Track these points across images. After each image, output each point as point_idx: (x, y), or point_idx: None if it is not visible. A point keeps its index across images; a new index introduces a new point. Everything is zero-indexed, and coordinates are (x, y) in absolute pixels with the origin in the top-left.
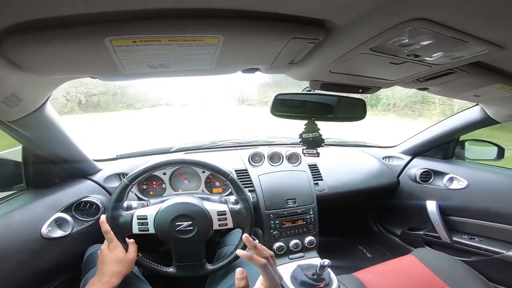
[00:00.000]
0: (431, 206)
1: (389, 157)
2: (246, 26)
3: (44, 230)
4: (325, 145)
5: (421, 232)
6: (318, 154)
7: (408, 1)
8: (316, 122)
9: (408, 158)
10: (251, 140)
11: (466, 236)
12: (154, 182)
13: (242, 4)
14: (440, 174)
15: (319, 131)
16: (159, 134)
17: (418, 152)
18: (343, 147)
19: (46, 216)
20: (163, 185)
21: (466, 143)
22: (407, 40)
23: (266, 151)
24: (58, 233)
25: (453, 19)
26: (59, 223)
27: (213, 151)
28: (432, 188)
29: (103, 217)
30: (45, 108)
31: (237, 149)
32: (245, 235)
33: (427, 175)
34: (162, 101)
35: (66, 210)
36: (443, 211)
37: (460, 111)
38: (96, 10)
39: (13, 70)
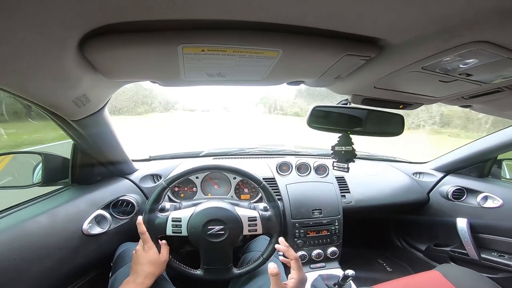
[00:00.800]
0: (462, 223)
1: (420, 173)
2: (305, 42)
3: (85, 226)
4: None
5: (448, 248)
6: (348, 169)
7: (474, 24)
8: (351, 135)
9: (440, 175)
10: (279, 149)
11: (495, 253)
12: (186, 185)
13: (304, 21)
14: (473, 192)
15: (353, 145)
16: (181, 138)
17: (451, 169)
18: (372, 161)
19: (88, 213)
20: (194, 188)
21: (504, 162)
22: (462, 60)
23: (294, 161)
24: (97, 230)
25: None
26: (98, 220)
27: (241, 158)
28: (464, 206)
29: (140, 218)
30: (104, 110)
31: (264, 158)
32: (280, 239)
33: (459, 193)
34: (181, 105)
35: (105, 207)
36: (474, 229)
37: (500, 129)
38: (172, 17)
39: (89, 72)
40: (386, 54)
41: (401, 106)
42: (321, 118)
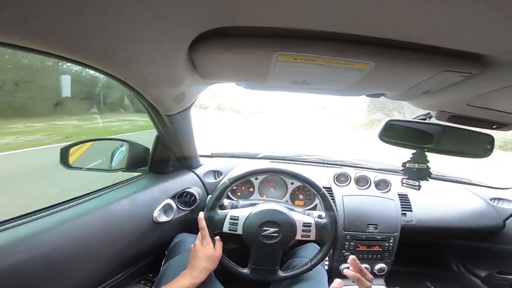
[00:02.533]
0: None
1: (499, 199)
2: (399, 56)
3: (155, 213)
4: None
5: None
6: (419, 187)
7: None
8: (428, 153)
9: None
10: (337, 159)
11: None
12: (244, 185)
13: (399, 35)
14: None
15: (428, 163)
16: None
17: None
18: (443, 182)
19: (159, 201)
20: (251, 188)
21: None
22: None
23: (352, 173)
24: (163, 218)
25: None
26: (165, 208)
27: (298, 164)
28: None
29: (201, 214)
30: (191, 107)
31: (321, 166)
32: (352, 257)
33: None
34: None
35: (173, 197)
36: None
37: None
38: (270, 24)
39: (191, 72)
40: (490, 71)
41: (494, 126)
42: (395, 132)
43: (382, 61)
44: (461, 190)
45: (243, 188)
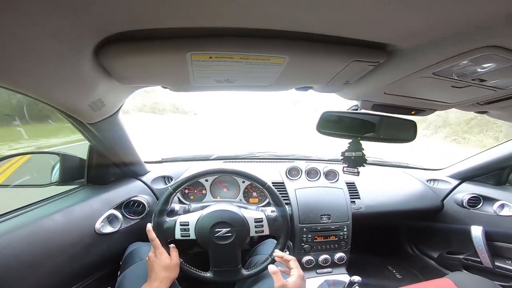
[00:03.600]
0: (477, 231)
1: (434, 180)
2: (311, 48)
3: (97, 225)
4: (366, 164)
5: (461, 256)
6: (358, 173)
7: (484, 29)
8: (362, 141)
9: (455, 182)
10: (288, 154)
11: (510, 262)
12: (196, 188)
13: (310, 28)
14: (490, 200)
15: (363, 150)
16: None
17: (467, 176)
18: (385, 167)
19: (101, 212)
20: (203, 191)
21: None
22: (474, 65)
23: (303, 166)
24: (108, 229)
25: None
26: (110, 219)
27: (250, 162)
28: (479, 213)
29: (149, 226)
30: (118, 114)
31: (274, 162)
32: (276, 254)
33: (475, 200)
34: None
35: (118, 207)
36: (489, 237)
37: None
38: (181, 25)
39: (104, 77)
40: (396, 60)
41: (413, 112)
42: (331, 123)
43: (296, 55)
44: (401, 174)
45: (195, 191)
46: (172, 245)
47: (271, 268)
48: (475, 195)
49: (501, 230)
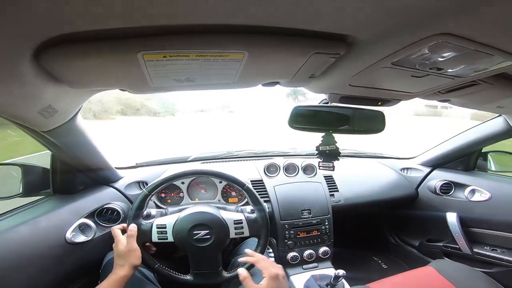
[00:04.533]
0: (452, 218)
1: (407, 168)
2: (270, 42)
3: (68, 235)
4: (341, 157)
5: (440, 244)
6: (333, 168)
7: (436, 17)
8: (334, 134)
9: (427, 169)
10: (266, 150)
11: (488, 248)
12: (172, 191)
13: (267, 21)
14: (461, 186)
15: (336, 144)
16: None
17: (438, 163)
18: (360, 159)
19: (71, 222)
20: (180, 194)
21: (489, 154)
22: (430, 54)
23: (281, 162)
24: (81, 238)
25: (478, 33)
26: (82, 228)
27: (229, 161)
28: (452, 200)
29: (115, 230)
30: (76, 119)
31: (252, 160)
32: (247, 250)
33: (447, 187)
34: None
35: (89, 216)
36: (464, 223)
37: (482, 122)
38: (130, 25)
39: (50, 82)
40: (356, 51)
41: (379, 103)
42: (302, 118)
43: (255, 49)
44: (375, 164)
45: (172, 194)
46: (130, 228)
47: (241, 273)
48: (446, 181)
49: (474, 216)
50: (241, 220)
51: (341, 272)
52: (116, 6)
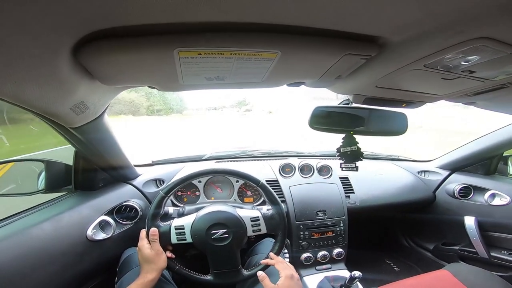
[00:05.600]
0: (470, 221)
1: (425, 171)
2: (303, 42)
3: (89, 232)
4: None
5: (456, 247)
6: (357, 168)
7: (475, 21)
8: (354, 135)
9: (446, 173)
10: (281, 151)
11: (505, 252)
12: (189, 190)
13: (301, 20)
14: (481, 190)
15: (358, 144)
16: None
17: (457, 167)
18: (376, 161)
19: (92, 219)
20: (197, 192)
21: (510, 159)
22: (465, 57)
23: (296, 162)
24: (101, 235)
25: None
26: (102, 225)
27: (243, 160)
28: (471, 204)
29: (143, 232)
30: (104, 116)
31: (267, 160)
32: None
33: (466, 190)
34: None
35: (109, 213)
36: (482, 227)
37: (504, 126)
38: (167, 21)
39: (85, 78)
40: (387, 53)
41: (403, 105)
42: (323, 119)
43: (288, 49)
44: (392, 167)
45: (188, 193)
46: (150, 232)
47: (260, 274)
48: (465, 185)
49: (493, 220)
50: (258, 217)
51: (357, 273)
52: (154, 1)
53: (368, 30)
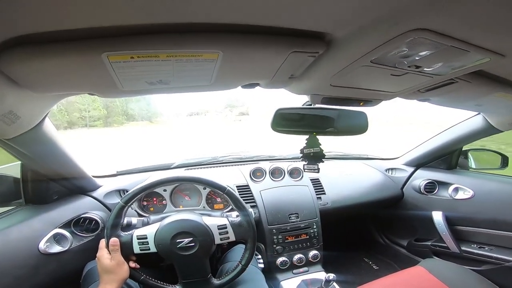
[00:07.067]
0: (437, 216)
1: (392, 169)
2: (246, 41)
3: (42, 245)
4: (326, 159)
5: (429, 243)
6: (318, 170)
7: (409, 12)
8: (318, 136)
9: (411, 169)
10: (252, 155)
11: (475, 245)
12: (155, 199)
13: (242, 19)
14: (444, 184)
15: (320, 146)
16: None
17: (421, 163)
18: (345, 160)
19: (44, 232)
20: (163, 201)
21: (469, 152)
22: (407, 51)
23: (267, 166)
24: (57, 248)
25: (453, 28)
26: (58, 238)
27: (214, 167)
28: (437, 199)
29: (102, 242)
30: (43, 125)
31: (238, 165)
32: None
33: (431, 186)
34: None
35: (65, 226)
36: (450, 221)
37: (462, 121)
38: (93, 25)
39: (10, 87)
40: (334, 50)
41: (361, 103)
42: (286, 121)
43: (230, 49)
44: (361, 166)
45: (154, 202)
46: (111, 242)
47: None
48: (430, 180)
49: (459, 215)
50: (225, 224)
51: (331, 276)
52: (77, 5)
53: (311, 26)
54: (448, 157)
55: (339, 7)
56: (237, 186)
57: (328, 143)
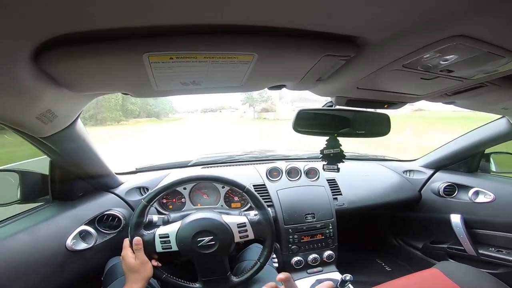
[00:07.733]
0: (456, 219)
1: (409, 170)
2: (280, 44)
3: (69, 242)
4: (344, 159)
5: (445, 246)
6: (338, 169)
7: (450, 18)
8: (339, 138)
9: (430, 171)
10: (268, 154)
11: (493, 249)
12: (175, 197)
13: (277, 22)
14: (464, 187)
15: (341, 146)
16: None
17: (441, 165)
18: (362, 161)
19: (71, 229)
20: (182, 199)
21: (492, 156)
22: (442, 56)
23: (283, 166)
24: (82, 245)
25: (492, 35)
26: (83, 235)
27: (230, 165)
28: (456, 202)
29: (126, 241)
30: (76, 124)
31: (254, 164)
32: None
33: (451, 188)
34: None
35: (90, 223)
36: (468, 225)
37: (485, 124)
38: (135, 25)
39: (50, 86)
40: (366, 53)
41: (385, 106)
42: (307, 121)
43: (265, 51)
44: (377, 167)
45: (174, 200)
46: (134, 241)
47: (280, 276)
48: (450, 183)
49: (479, 218)
50: (245, 223)
51: (348, 276)
52: (120, 4)
53: (346, 30)
54: (469, 160)
55: (377, 12)
56: (254, 185)
57: (344, 144)
